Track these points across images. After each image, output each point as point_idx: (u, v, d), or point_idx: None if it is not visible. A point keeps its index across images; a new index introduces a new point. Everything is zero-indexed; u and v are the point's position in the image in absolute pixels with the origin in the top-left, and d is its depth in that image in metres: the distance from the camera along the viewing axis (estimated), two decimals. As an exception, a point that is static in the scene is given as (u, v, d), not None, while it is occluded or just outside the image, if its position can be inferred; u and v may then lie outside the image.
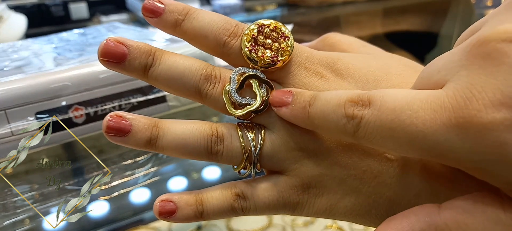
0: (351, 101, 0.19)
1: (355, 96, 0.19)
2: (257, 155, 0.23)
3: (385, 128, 0.18)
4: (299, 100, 0.22)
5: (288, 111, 0.22)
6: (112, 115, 0.23)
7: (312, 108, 0.21)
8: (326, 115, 0.20)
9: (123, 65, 0.23)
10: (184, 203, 0.24)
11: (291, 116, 0.22)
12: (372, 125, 0.18)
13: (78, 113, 0.34)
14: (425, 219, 0.18)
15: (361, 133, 0.19)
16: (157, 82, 0.24)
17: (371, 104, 0.18)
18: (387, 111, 0.18)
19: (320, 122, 0.21)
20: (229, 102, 0.24)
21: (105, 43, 0.23)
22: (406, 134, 0.17)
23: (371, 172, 0.23)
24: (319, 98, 0.21)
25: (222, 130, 0.24)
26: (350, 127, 0.19)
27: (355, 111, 0.19)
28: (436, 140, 0.16)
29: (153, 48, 0.24)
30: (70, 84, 0.33)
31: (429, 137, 0.17)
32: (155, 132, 0.24)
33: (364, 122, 0.18)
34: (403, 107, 0.17)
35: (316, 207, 0.24)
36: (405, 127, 0.17)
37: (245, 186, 0.24)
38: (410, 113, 0.17)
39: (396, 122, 0.17)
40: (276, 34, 0.24)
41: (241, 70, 0.24)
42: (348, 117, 0.19)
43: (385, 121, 0.18)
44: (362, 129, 0.19)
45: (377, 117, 0.18)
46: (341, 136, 0.20)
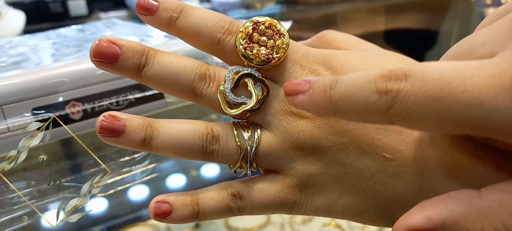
0: (382, 77, 0.17)
1: (387, 72, 0.17)
2: (253, 154, 0.23)
3: (431, 98, 0.16)
4: (318, 85, 0.19)
5: (305, 98, 0.20)
6: (106, 115, 0.23)
7: (334, 90, 0.19)
8: (352, 95, 0.18)
9: (115, 65, 0.23)
10: (180, 204, 0.24)
11: (309, 103, 0.20)
12: (413, 97, 0.16)
13: (75, 109, 0.33)
14: (465, 202, 0.16)
15: (396, 109, 0.16)
16: (151, 83, 0.24)
17: (409, 77, 0.16)
18: (432, 81, 0.16)
19: (345, 104, 0.18)
20: (224, 102, 0.23)
21: (97, 43, 0.23)
22: (457, 104, 0.15)
23: (369, 170, 0.22)
24: (341, 80, 0.19)
25: (218, 129, 0.24)
26: (382, 103, 0.17)
27: (389, 86, 0.17)
28: (495, 108, 0.15)
29: (146, 47, 0.24)
30: (67, 80, 0.33)
31: (487, 104, 0.15)
32: (149, 132, 0.23)
33: (401, 96, 0.16)
34: (453, 75, 0.15)
35: (313, 206, 0.24)
36: (457, 95, 0.15)
37: (241, 185, 0.24)
38: (462, 81, 0.15)
39: (446, 91, 0.15)
40: (272, 32, 0.23)
41: (235, 69, 0.24)
42: (380, 92, 0.17)
43: (430, 92, 0.16)
44: (399, 104, 0.16)
45: (419, 88, 0.16)
46: (371, 117, 0.18)
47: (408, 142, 0.22)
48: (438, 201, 0.17)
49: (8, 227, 0.38)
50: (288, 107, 0.23)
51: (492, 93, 0.15)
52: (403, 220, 0.17)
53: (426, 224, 0.16)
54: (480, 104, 0.15)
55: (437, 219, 0.16)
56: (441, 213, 0.16)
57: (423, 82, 0.16)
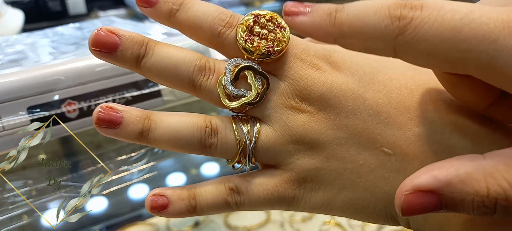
0: (398, 4, 0.17)
1: (403, 1, 0.17)
2: (252, 148, 0.23)
3: (448, 27, 0.16)
4: (322, 7, 0.19)
5: (306, 19, 0.19)
6: (103, 106, 0.23)
7: (341, 13, 0.18)
8: (362, 17, 0.18)
9: (114, 55, 0.23)
10: (177, 197, 0.24)
11: (310, 24, 0.19)
12: (428, 26, 0.16)
13: (71, 108, 0.33)
14: (470, 162, 0.16)
15: (407, 36, 0.17)
16: (150, 74, 0.24)
17: (426, 8, 0.17)
18: (452, 11, 0.16)
19: (350, 27, 0.18)
20: (224, 94, 0.23)
21: (96, 32, 0.22)
22: (474, 36, 0.16)
23: (369, 165, 0.22)
24: (351, 5, 0.18)
25: (216, 122, 0.24)
26: (393, 29, 0.17)
27: (404, 12, 0.17)
28: (507, 45, 0.15)
29: (146, 38, 0.23)
30: (63, 79, 0.33)
31: (501, 40, 0.15)
32: (147, 124, 0.23)
33: (416, 23, 0.16)
34: (473, 8, 0.16)
35: (312, 202, 0.24)
36: (476, 26, 0.16)
37: (239, 180, 0.24)
38: (481, 14, 0.16)
39: (465, 21, 0.16)
40: (273, 25, 0.23)
41: (236, 61, 0.23)
42: (393, 17, 0.17)
43: (449, 20, 0.16)
44: (411, 31, 0.17)
45: (437, 16, 0.16)
46: (376, 43, 0.18)
47: (408, 137, 0.22)
48: (444, 162, 0.17)
49: (8, 226, 0.37)
50: (288, 102, 0.23)
51: (506, 31, 0.15)
52: (409, 181, 0.17)
53: (433, 183, 0.16)
54: (495, 40, 0.15)
55: (443, 178, 0.16)
56: (447, 172, 0.16)
57: (442, 11, 0.16)
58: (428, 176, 0.17)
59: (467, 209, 0.16)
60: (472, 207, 0.16)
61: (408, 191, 0.17)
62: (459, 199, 0.16)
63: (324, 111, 0.23)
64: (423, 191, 0.17)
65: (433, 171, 0.17)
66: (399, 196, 0.17)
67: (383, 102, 0.22)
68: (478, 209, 0.16)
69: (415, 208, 0.17)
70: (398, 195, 0.17)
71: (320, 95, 0.23)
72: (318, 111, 0.23)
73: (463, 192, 0.16)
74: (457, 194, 0.16)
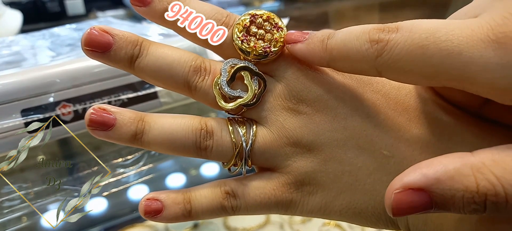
0: (376, 29, 0.19)
1: (382, 25, 0.19)
2: (249, 151, 0.23)
3: (416, 46, 0.18)
4: (317, 35, 0.21)
5: (303, 46, 0.22)
6: (95, 108, 0.22)
7: (331, 40, 0.21)
8: (347, 43, 0.20)
9: (108, 55, 0.22)
10: (171, 202, 0.23)
11: (307, 51, 0.22)
12: (401, 46, 0.18)
13: (66, 110, 0.33)
14: (459, 159, 0.17)
15: (385, 57, 0.18)
16: (144, 74, 0.23)
17: (400, 29, 0.18)
18: (420, 31, 0.18)
19: (339, 52, 0.20)
20: (220, 95, 0.23)
21: (89, 31, 0.22)
22: (439, 51, 0.17)
23: (367, 168, 0.22)
24: (339, 31, 0.21)
25: (212, 124, 0.23)
26: (372, 51, 0.19)
27: (381, 36, 0.19)
28: (471, 56, 0.16)
29: (140, 38, 0.23)
30: (57, 81, 0.32)
31: (465, 52, 0.16)
32: (141, 126, 0.23)
33: (390, 45, 0.18)
34: (439, 26, 0.17)
35: (310, 206, 0.23)
36: (440, 43, 0.17)
37: (235, 183, 0.24)
38: (446, 31, 0.17)
39: (431, 40, 0.17)
40: (269, 25, 0.23)
41: (232, 62, 0.23)
42: (372, 41, 0.19)
43: (417, 40, 0.18)
44: (387, 52, 0.18)
45: (407, 37, 0.18)
46: (361, 65, 0.20)
47: (406, 139, 0.21)
48: (432, 160, 0.17)
49: (8, 227, 0.37)
50: (284, 103, 0.23)
51: (470, 43, 0.16)
52: (398, 179, 0.17)
53: (421, 181, 0.16)
54: (459, 53, 0.17)
55: (432, 175, 0.16)
56: (435, 170, 0.16)
57: (411, 33, 0.18)
58: (417, 174, 0.17)
59: (458, 206, 0.16)
60: (462, 204, 0.16)
61: (398, 189, 0.17)
62: (449, 196, 0.16)
63: (321, 113, 0.22)
64: (412, 189, 0.17)
65: (422, 169, 0.17)
66: (389, 195, 0.17)
67: (381, 103, 0.22)
68: (468, 206, 0.16)
69: (405, 207, 0.17)
70: (388, 194, 0.17)
71: (317, 97, 0.22)
72: (316, 112, 0.22)
73: (452, 188, 0.16)
74: (447, 190, 0.16)
